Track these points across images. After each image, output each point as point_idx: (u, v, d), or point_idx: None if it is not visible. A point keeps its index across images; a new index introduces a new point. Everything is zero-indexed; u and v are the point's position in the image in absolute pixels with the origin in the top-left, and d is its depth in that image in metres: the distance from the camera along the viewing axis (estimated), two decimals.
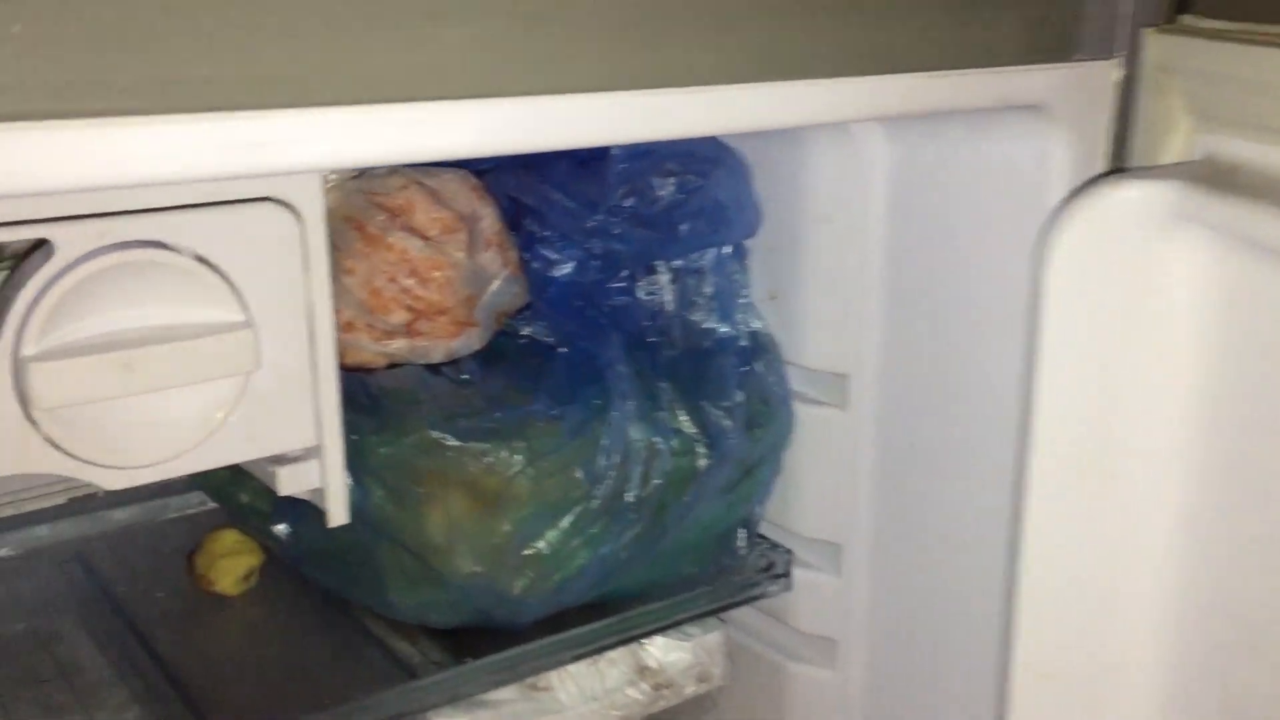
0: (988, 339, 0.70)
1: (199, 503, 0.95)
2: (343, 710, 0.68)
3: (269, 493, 0.79)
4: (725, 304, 0.79)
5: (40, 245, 0.54)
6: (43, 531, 0.90)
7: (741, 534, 0.83)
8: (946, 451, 0.75)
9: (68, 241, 0.53)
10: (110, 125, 0.45)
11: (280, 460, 0.64)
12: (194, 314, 0.58)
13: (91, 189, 0.52)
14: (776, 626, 0.89)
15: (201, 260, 0.57)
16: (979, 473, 0.72)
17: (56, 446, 0.55)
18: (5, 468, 0.54)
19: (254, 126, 0.46)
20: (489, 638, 0.75)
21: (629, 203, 0.72)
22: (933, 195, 0.72)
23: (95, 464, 0.57)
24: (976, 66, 0.68)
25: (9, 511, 0.91)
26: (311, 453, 0.64)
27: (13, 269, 0.57)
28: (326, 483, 0.64)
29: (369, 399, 0.69)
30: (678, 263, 0.78)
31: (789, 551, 0.85)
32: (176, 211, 0.56)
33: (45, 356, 0.53)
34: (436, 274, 0.72)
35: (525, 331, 0.81)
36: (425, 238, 0.73)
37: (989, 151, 0.70)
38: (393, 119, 0.48)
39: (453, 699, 0.72)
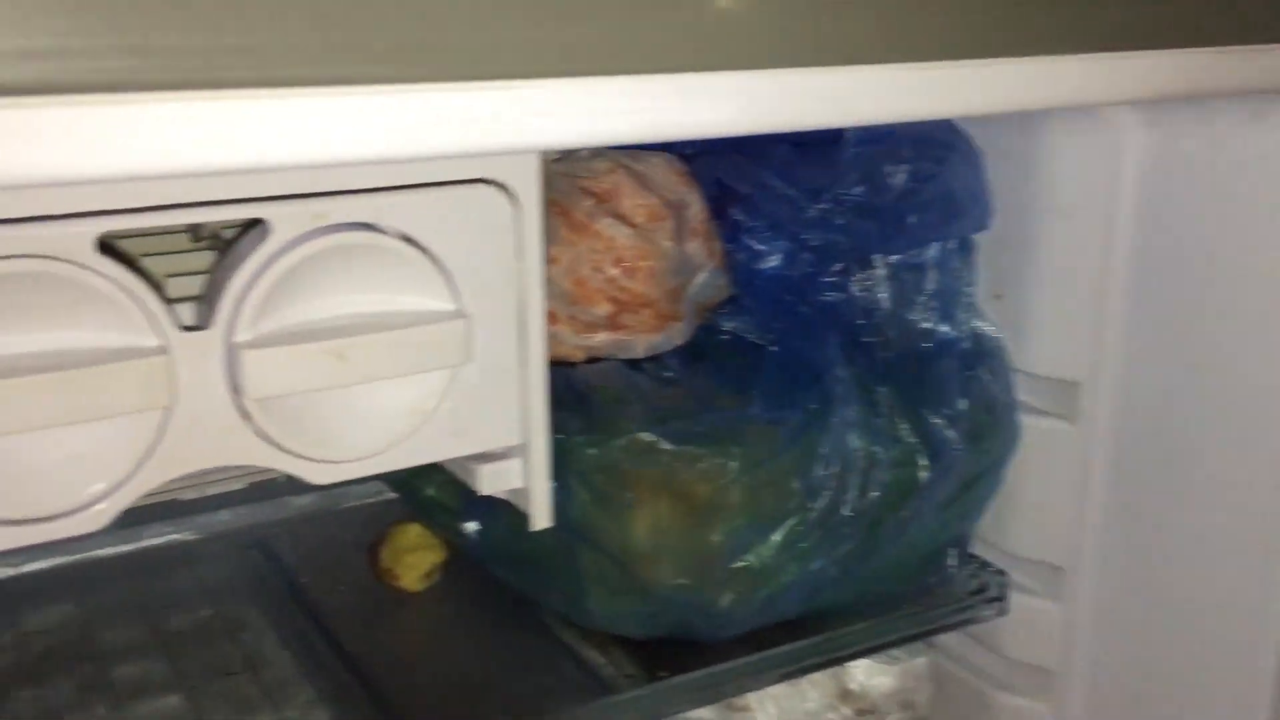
0: (1261, 344, 0.63)
1: (377, 492, 0.93)
2: None
3: (456, 488, 0.76)
4: (947, 303, 0.73)
5: (253, 226, 0.52)
6: (224, 516, 0.90)
7: (953, 553, 0.77)
8: (1202, 468, 0.67)
9: (284, 222, 0.51)
10: (331, 95, 0.42)
11: (483, 458, 0.61)
12: (406, 302, 0.55)
13: (310, 166, 0.49)
14: (985, 653, 0.82)
15: (413, 244, 0.54)
16: (1247, 493, 0.65)
17: (267, 439, 0.52)
18: (215, 459, 0.52)
19: (499, 97, 0.42)
20: (682, 650, 0.71)
21: (858, 191, 0.66)
22: (1197, 187, 0.65)
23: (304, 457, 0.54)
24: (1259, 43, 0.60)
25: (191, 495, 0.90)
26: (515, 451, 0.61)
27: (218, 250, 0.54)
28: (530, 484, 0.61)
29: (574, 396, 0.65)
30: (896, 257, 0.72)
31: (1003, 573, 0.79)
32: (389, 193, 0.53)
33: (259, 343, 0.51)
34: (643, 264, 0.68)
35: (727, 327, 0.76)
36: (632, 225, 0.68)
37: (1267, 141, 0.62)
38: (640, 91, 0.44)
39: (652, 717, 0.67)
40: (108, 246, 0.47)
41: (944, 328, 0.73)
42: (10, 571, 0.81)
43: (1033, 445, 0.76)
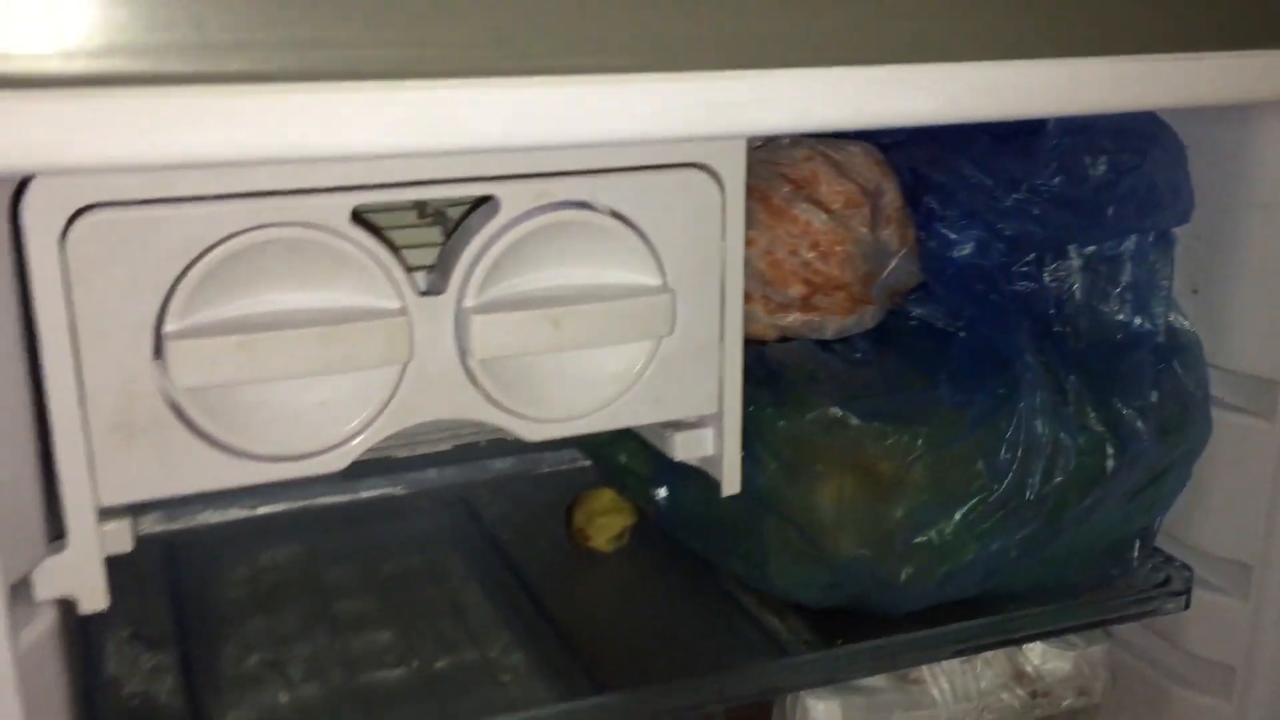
0: None
1: (571, 459, 0.99)
2: (721, 678, 0.68)
3: (649, 456, 0.81)
4: (1142, 296, 0.73)
5: (483, 203, 0.57)
6: (431, 474, 0.96)
7: (1136, 545, 0.77)
8: None
9: (511, 199, 0.56)
10: (563, 83, 0.46)
11: (678, 426, 0.65)
12: (617, 276, 0.59)
13: (540, 148, 0.54)
14: (1165, 647, 0.82)
15: (625, 222, 0.58)
16: None
17: (488, 396, 0.58)
18: (443, 412, 0.57)
19: (722, 87, 0.45)
20: (858, 623, 0.73)
21: (1056, 181, 0.67)
22: None
23: (519, 415, 0.59)
24: None
25: (404, 454, 0.98)
26: (709, 420, 0.65)
27: (442, 226, 0.60)
28: (723, 452, 0.64)
29: (766, 372, 0.68)
30: (1092, 248, 0.72)
31: (1188, 568, 0.78)
32: (606, 174, 0.57)
33: (485, 309, 0.56)
34: (838, 248, 0.71)
35: (916, 313, 0.78)
36: (829, 211, 0.71)
37: None
38: (854, 80, 0.46)
39: (828, 680, 0.70)
40: (359, 218, 0.53)
41: (1138, 320, 0.73)
42: (245, 514, 0.90)
43: (1225, 441, 0.75)
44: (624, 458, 0.82)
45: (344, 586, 0.81)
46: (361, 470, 0.94)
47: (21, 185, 0.46)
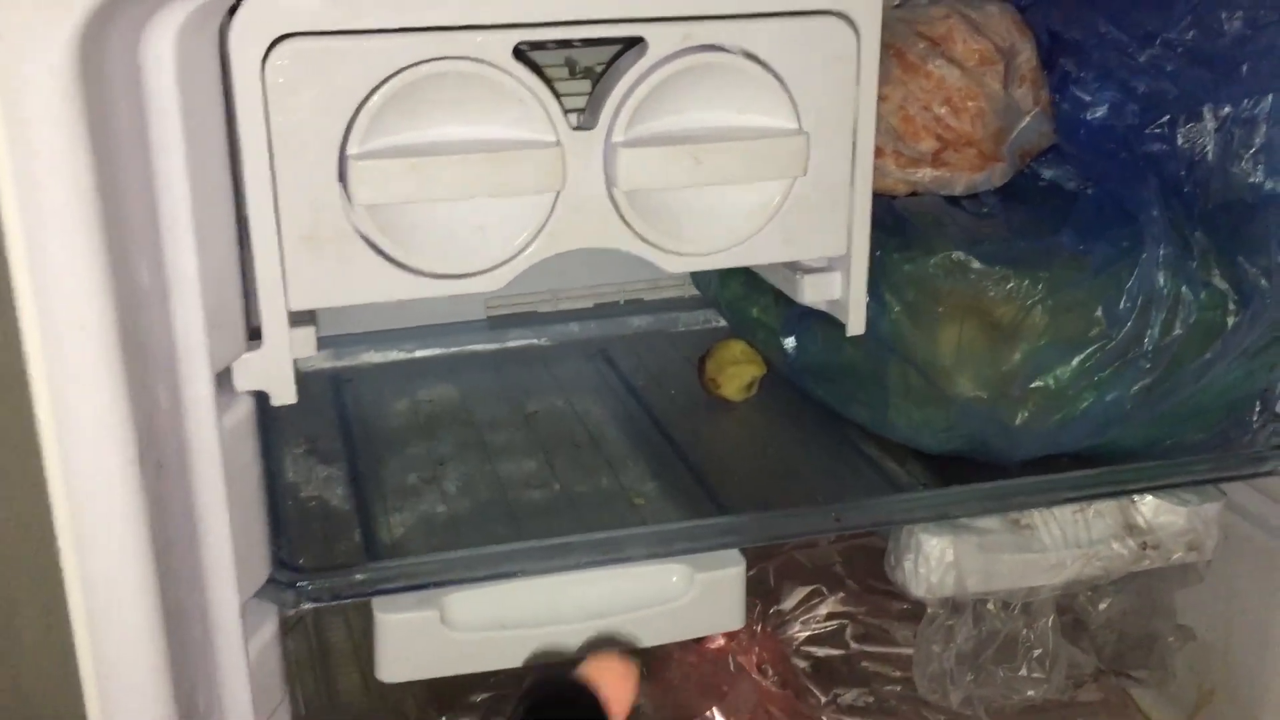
0: None
1: (704, 321, 1.04)
2: (837, 508, 0.73)
3: (779, 309, 0.85)
4: (1274, 158, 0.73)
5: (633, 45, 0.61)
6: (573, 328, 1.02)
7: (1256, 407, 0.79)
8: None
9: (659, 40, 0.60)
10: None
11: (807, 269, 0.69)
12: (756, 119, 0.63)
13: None
14: (1279, 511, 0.84)
15: (767, 68, 0.62)
16: None
17: (631, 228, 0.63)
18: (590, 240, 0.62)
19: None
20: (976, 472, 0.77)
21: (1190, 35, 0.68)
22: None
23: (659, 247, 0.64)
24: None
25: (547, 309, 1.04)
26: (836, 264, 0.68)
27: (595, 81, 0.64)
28: (849, 294, 0.68)
29: (894, 219, 0.72)
30: (1226, 109, 0.73)
31: None
32: (749, 20, 0.61)
33: (632, 143, 0.60)
34: (970, 104, 0.73)
35: (1047, 174, 0.80)
36: (962, 67, 0.73)
37: None
38: None
39: (940, 516, 0.75)
40: (521, 56, 0.58)
41: (1270, 184, 0.74)
42: (404, 356, 0.98)
43: None
44: (755, 311, 0.87)
45: (493, 421, 0.88)
46: (507, 322, 1.02)
47: (230, 12, 0.52)
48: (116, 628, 0.50)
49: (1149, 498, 0.78)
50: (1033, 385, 0.70)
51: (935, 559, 0.75)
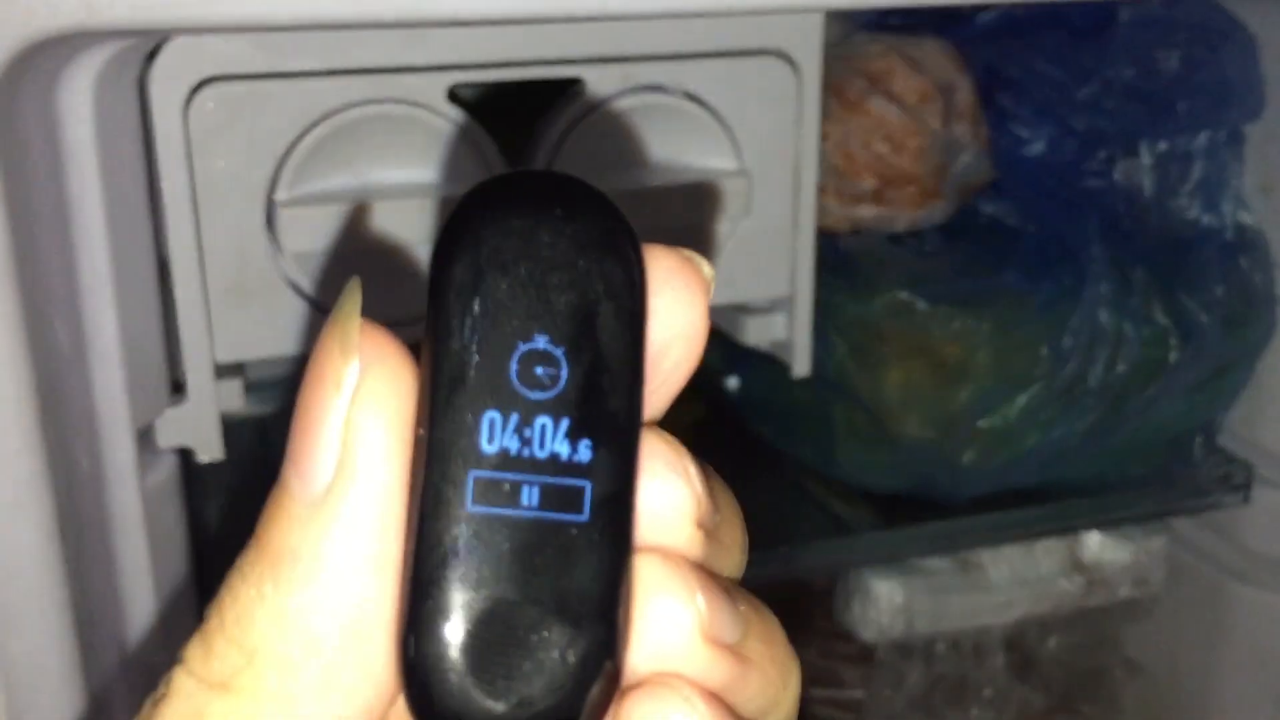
0: None
1: None
2: (781, 552, 0.72)
3: (720, 346, 0.84)
4: (1211, 193, 0.74)
5: (570, 86, 0.60)
6: None
7: (1199, 440, 0.79)
8: None
9: (597, 81, 0.58)
10: None
11: (750, 310, 0.68)
12: (697, 160, 0.62)
13: (620, 17, 0.56)
14: (1224, 544, 0.84)
15: (707, 108, 0.61)
16: None
17: None
18: None
19: None
20: (923, 511, 0.76)
21: (1128, 74, 0.68)
22: None
23: None
24: None
25: None
26: (779, 305, 0.67)
27: (532, 119, 0.63)
28: (793, 335, 0.67)
29: (837, 259, 0.71)
30: (1163, 146, 0.73)
31: (1250, 465, 0.80)
32: (687, 60, 0.60)
33: None
34: (910, 142, 0.73)
35: (988, 210, 0.79)
36: (902, 105, 0.73)
37: None
38: None
39: (889, 558, 0.74)
40: (455, 97, 0.56)
41: (1207, 218, 0.74)
42: None
43: None
44: None
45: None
46: None
47: (150, 57, 0.50)
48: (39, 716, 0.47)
49: (1095, 534, 0.78)
50: (979, 424, 0.70)
51: (885, 601, 0.74)
